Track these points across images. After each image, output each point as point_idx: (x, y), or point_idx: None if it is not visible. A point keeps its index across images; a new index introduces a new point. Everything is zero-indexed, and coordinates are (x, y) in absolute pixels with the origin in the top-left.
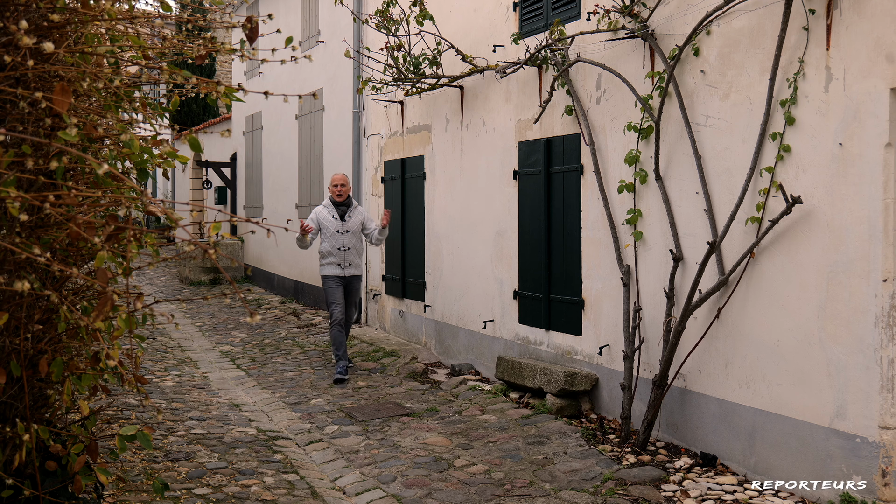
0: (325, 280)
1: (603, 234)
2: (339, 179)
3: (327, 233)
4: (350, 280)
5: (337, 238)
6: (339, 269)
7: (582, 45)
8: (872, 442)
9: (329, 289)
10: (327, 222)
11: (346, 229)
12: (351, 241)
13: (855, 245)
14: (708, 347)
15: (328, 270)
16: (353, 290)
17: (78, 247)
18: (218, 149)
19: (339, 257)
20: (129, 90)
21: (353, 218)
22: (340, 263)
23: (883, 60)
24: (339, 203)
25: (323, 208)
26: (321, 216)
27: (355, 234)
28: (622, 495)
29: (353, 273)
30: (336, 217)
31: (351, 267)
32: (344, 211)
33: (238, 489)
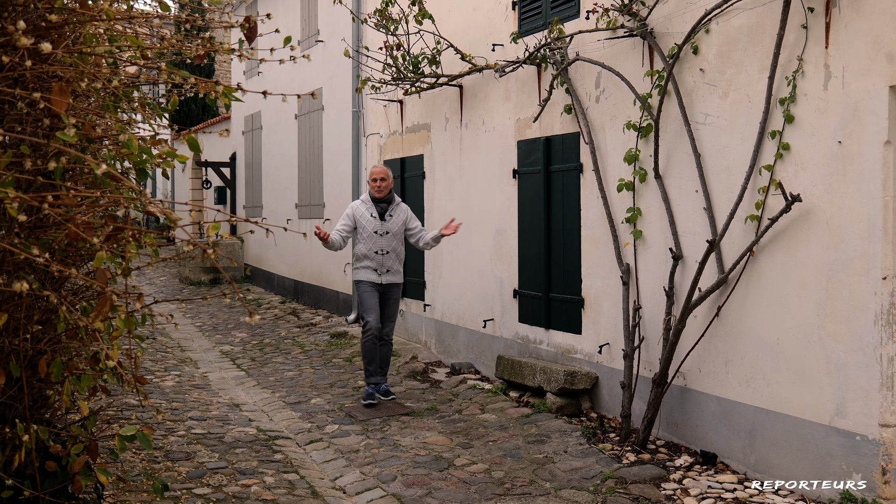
0: (358, 285)
1: (602, 233)
2: (380, 173)
3: (364, 233)
4: (388, 288)
5: (375, 240)
6: (375, 275)
7: (581, 44)
8: (872, 440)
9: (362, 293)
10: (365, 221)
11: (387, 230)
12: (391, 243)
13: (854, 243)
14: (708, 346)
15: (362, 275)
16: (390, 299)
17: (77, 247)
18: (217, 149)
19: (376, 262)
20: (128, 90)
21: (394, 217)
22: (377, 269)
23: (882, 58)
24: (379, 199)
25: (360, 204)
26: (358, 213)
27: (397, 236)
28: (622, 494)
29: (391, 280)
30: (375, 216)
31: (389, 273)
32: (385, 209)
33: (238, 489)
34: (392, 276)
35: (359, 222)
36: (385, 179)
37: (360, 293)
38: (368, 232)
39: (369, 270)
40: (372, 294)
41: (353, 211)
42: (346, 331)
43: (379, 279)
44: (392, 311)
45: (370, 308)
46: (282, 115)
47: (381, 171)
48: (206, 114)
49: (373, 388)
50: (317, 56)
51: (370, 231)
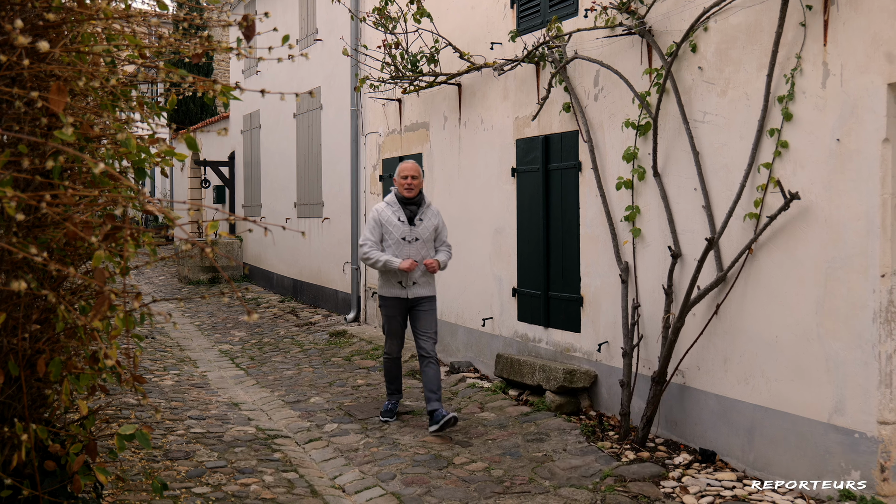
0: (382, 302)
1: (601, 231)
2: (410, 169)
3: (390, 240)
4: (417, 302)
5: (402, 248)
6: (401, 289)
7: (579, 42)
8: (871, 437)
9: (386, 315)
10: (391, 226)
11: (416, 236)
12: (421, 252)
13: (853, 241)
14: (706, 344)
15: (386, 290)
16: (421, 314)
17: (75, 246)
18: (216, 148)
19: (401, 273)
20: (126, 89)
21: (425, 222)
22: (403, 281)
23: (880, 56)
24: (407, 201)
25: (386, 207)
26: (384, 217)
27: (427, 244)
28: (621, 492)
29: (419, 294)
30: (403, 220)
31: (417, 286)
32: (414, 212)
33: (237, 488)
34: (421, 289)
35: (385, 227)
36: (416, 177)
37: (384, 313)
38: (395, 239)
39: (393, 284)
40: (395, 316)
41: (378, 215)
42: (345, 330)
43: (405, 293)
44: (426, 323)
45: (392, 332)
46: (280, 114)
47: (410, 167)
48: (204, 113)
49: (392, 405)
50: (315, 55)
51: (397, 238)
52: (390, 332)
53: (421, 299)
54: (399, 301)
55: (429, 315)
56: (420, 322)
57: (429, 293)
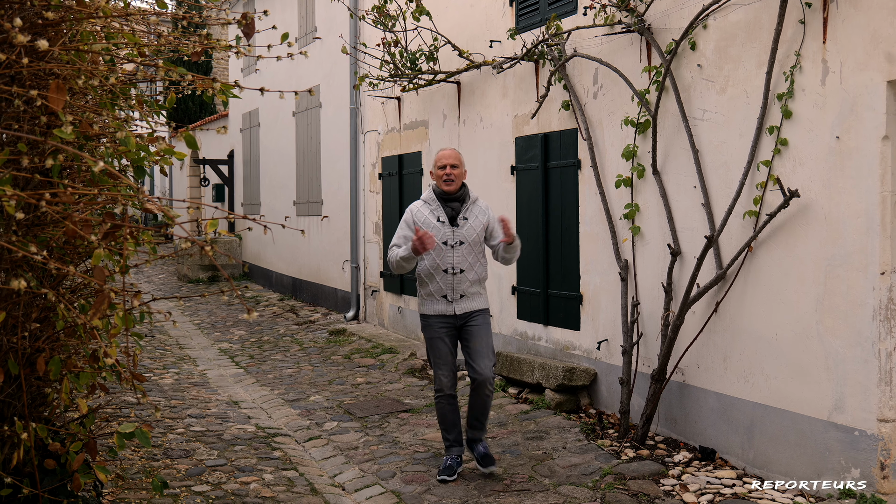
0: (424, 322)
1: (601, 229)
2: (449, 157)
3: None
4: (467, 318)
5: (444, 254)
6: (446, 305)
7: (578, 40)
8: (871, 435)
9: (430, 339)
10: (429, 228)
11: (460, 239)
12: (467, 257)
13: (852, 238)
14: (706, 341)
15: (428, 307)
16: (473, 331)
17: (75, 245)
18: (215, 146)
19: (445, 284)
20: (125, 88)
21: (470, 221)
22: (448, 295)
23: (880, 53)
24: (448, 196)
25: (422, 206)
26: (419, 218)
27: (474, 247)
28: (621, 490)
29: (469, 308)
30: (443, 220)
31: (466, 300)
32: (457, 209)
33: (237, 486)
34: (470, 303)
35: (421, 230)
36: (456, 166)
37: (427, 336)
38: (435, 243)
39: (436, 299)
40: (443, 337)
41: (412, 216)
42: (344, 328)
43: (451, 309)
44: (481, 343)
45: (440, 359)
46: (279, 113)
47: (449, 155)
48: (203, 111)
49: (452, 460)
50: (314, 53)
51: (437, 241)
52: (438, 360)
53: (472, 314)
54: (445, 320)
55: (482, 330)
56: (473, 340)
57: (481, 306)
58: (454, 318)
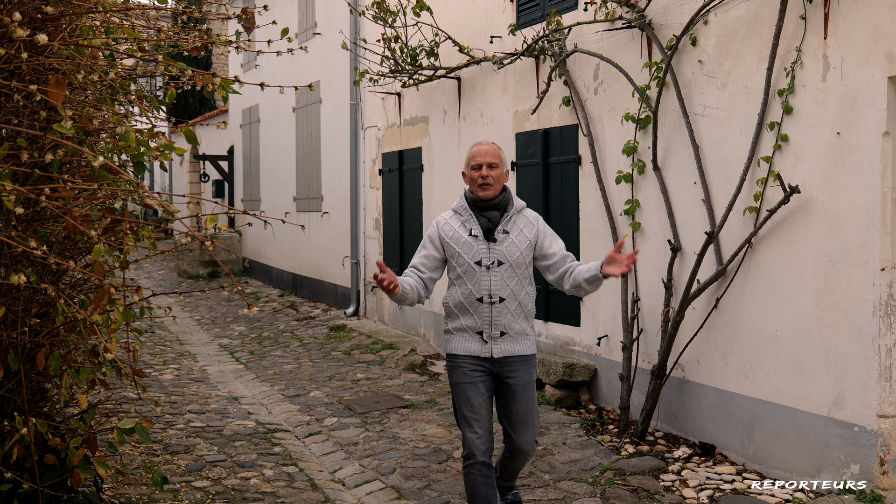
0: (451, 363)
1: (601, 225)
2: (486, 153)
3: (459, 266)
4: (507, 366)
5: (478, 277)
6: (480, 344)
7: (579, 36)
8: (871, 430)
9: (458, 384)
10: (459, 244)
11: (498, 258)
12: (508, 282)
13: (853, 234)
14: (706, 337)
15: (456, 345)
16: (514, 390)
17: (75, 240)
18: (215, 142)
19: (480, 318)
20: (125, 83)
21: (513, 235)
22: (485, 332)
23: (880, 49)
24: (484, 203)
25: (452, 217)
26: (447, 232)
27: (517, 270)
28: (621, 485)
29: (510, 352)
30: (477, 233)
31: (506, 340)
32: (495, 220)
33: (237, 482)
34: (512, 344)
35: (449, 248)
36: (495, 165)
37: (454, 382)
38: (466, 264)
39: (468, 335)
40: (476, 383)
41: (438, 230)
42: (344, 324)
43: (487, 351)
44: (523, 406)
45: (472, 412)
46: (279, 109)
47: (487, 151)
48: (203, 107)
49: None
50: (314, 49)
51: (468, 262)
52: (469, 412)
53: (513, 360)
54: (478, 363)
55: (527, 389)
56: (513, 401)
57: (525, 350)
58: (491, 362)
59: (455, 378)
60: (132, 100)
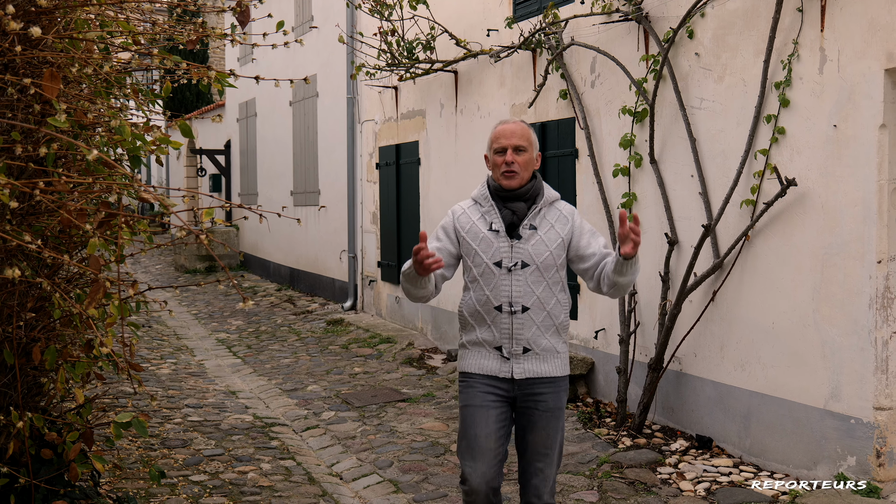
0: (463, 382)
1: (598, 218)
2: (513, 133)
3: (477, 268)
4: (530, 389)
5: (499, 281)
6: (499, 362)
7: (576, 29)
8: (867, 423)
9: (467, 407)
10: (476, 241)
11: (522, 260)
12: (534, 288)
13: (849, 227)
14: (703, 330)
15: (471, 361)
16: (536, 418)
17: (70, 234)
18: (212, 136)
19: (499, 330)
20: (120, 76)
21: (542, 231)
22: (504, 347)
23: (877, 41)
24: (508, 194)
25: (471, 207)
26: (463, 225)
27: (546, 273)
28: (618, 478)
29: (535, 373)
30: (498, 229)
31: (530, 357)
32: (521, 213)
33: (235, 476)
34: (539, 364)
35: (465, 243)
36: (523, 149)
37: (462, 403)
38: (484, 265)
39: (486, 351)
40: (486, 408)
41: (454, 220)
42: (342, 318)
43: (507, 370)
44: (542, 438)
45: (475, 443)
46: (276, 102)
47: (514, 131)
48: (200, 101)
49: None
50: (311, 42)
51: (486, 262)
52: (470, 441)
53: (538, 383)
54: (494, 384)
55: (550, 421)
56: (531, 432)
57: (554, 372)
58: (510, 383)
59: (464, 398)
60: (127, 94)
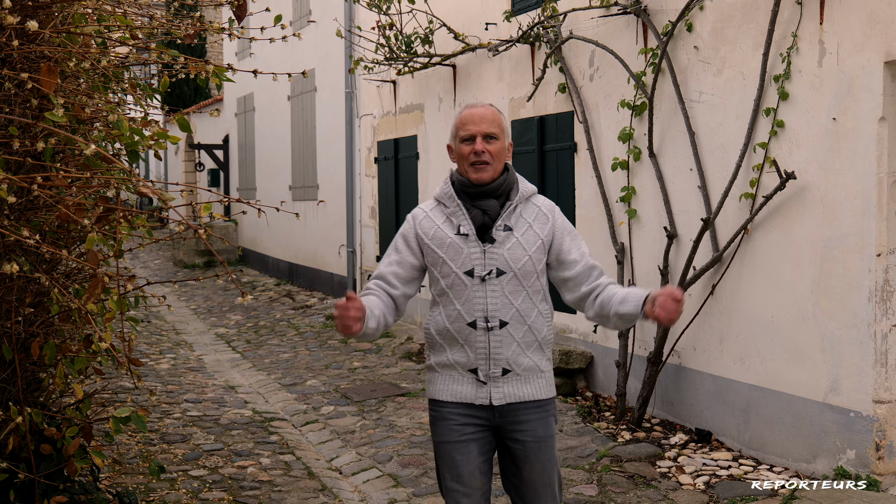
0: (434, 412)
1: (597, 212)
2: (482, 118)
3: (445, 279)
4: (513, 417)
5: (472, 293)
6: (474, 387)
7: (575, 22)
8: (866, 416)
9: (442, 444)
10: (444, 248)
11: (497, 267)
12: (512, 300)
13: (848, 220)
14: (702, 324)
15: (442, 387)
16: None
17: (68, 229)
18: (210, 131)
19: (473, 349)
20: (118, 71)
21: (519, 232)
22: (480, 369)
23: (877, 34)
24: (477, 191)
25: (435, 210)
26: (427, 231)
27: (525, 281)
28: (618, 472)
29: (517, 397)
30: (467, 232)
31: (510, 380)
32: (493, 212)
33: (234, 470)
34: (520, 386)
35: (430, 252)
36: (494, 136)
37: (437, 439)
38: (453, 275)
39: (458, 374)
40: (465, 443)
41: (415, 226)
42: None
43: (484, 396)
44: (538, 473)
45: (460, 485)
46: (274, 97)
47: (484, 116)
48: (198, 96)
49: None
50: (309, 37)
51: (456, 272)
52: (451, 486)
53: (522, 409)
54: (471, 414)
55: (542, 452)
56: (524, 467)
57: (538, 394)
58: (489, 411)
59: (438, 434)
60: (125, 88)
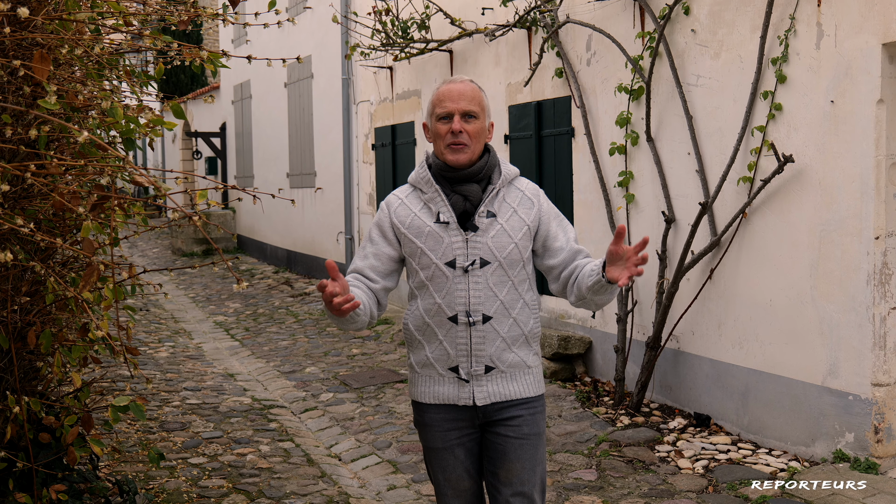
0: (418, 416)
1: (595, 197)
2: (460, 95)
3: (425, 271)
4: (496, 415)
5: (453, 285)
6: (456, 386)
7: (571, 6)
8: (865, 399)
9: (430, 449)
10: (422, 237)
11: (481, 257)
12: (496, 292)
13: (847, 203)
14: (701, 308)
15: (423, 388)
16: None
17: (63, 217)
18: (207, 119)
19: (454, 346)
20: (112, 58)
21: (502, 218)
22: (462, 367)
23: (875, 16)
24: (456, 175)
25: (411, 196)
26: (403, 219)
27: (510, 271)
28: (617, 457)
29: (502, 396)
30: (447, 220)
31: (494, 377)
32: (475, 197)
33: (234, 458)
34: (505, 383)
35: (407, 242)
36: (473, 115)
37: (424, 445)
38: (433, 266)
39: (438, 374)
40: (451, 449)
41: (390, 215)
42: None
43: (467, 396)
44: (517, 470)
45: (449, 487)
46: (271, 84)
47: (462, 92)
48: (195, 83)
49: None
50: (305, 23)
51: (436, 263)
52: (444, 488)
53: (508, 407)
54: (455, 417)
55: (525, 448)
56: (505, 461)
57: (525, 391)
58: (472, 412)
59: (423, 438)
60: (120, 76)
